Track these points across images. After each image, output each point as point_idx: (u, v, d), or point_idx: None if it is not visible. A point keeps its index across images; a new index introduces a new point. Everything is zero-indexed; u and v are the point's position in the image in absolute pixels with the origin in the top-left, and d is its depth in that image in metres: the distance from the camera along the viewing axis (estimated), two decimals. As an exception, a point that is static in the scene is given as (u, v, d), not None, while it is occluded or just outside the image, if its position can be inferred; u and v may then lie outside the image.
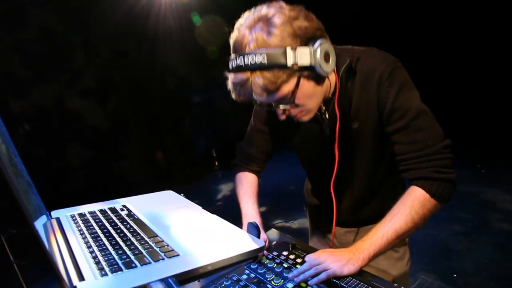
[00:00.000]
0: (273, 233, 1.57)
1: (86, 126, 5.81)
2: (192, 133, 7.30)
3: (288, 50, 0.98)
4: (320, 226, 1.76)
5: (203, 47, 6.57)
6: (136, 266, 0.63)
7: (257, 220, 1.36)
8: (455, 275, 3.19)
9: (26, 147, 4.98)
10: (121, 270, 0.62)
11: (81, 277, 0.60)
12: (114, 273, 0.61)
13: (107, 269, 0.62)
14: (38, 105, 5.16)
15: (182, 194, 1.09)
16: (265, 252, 1.31)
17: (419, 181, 1.22)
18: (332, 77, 1.20)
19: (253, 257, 0.72)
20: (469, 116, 6.61)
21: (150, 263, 0.64)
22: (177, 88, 6.93)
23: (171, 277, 0.59)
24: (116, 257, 0.67)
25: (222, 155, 7.27)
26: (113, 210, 0.95)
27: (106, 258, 0.66)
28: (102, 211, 0.94)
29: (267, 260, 1.29)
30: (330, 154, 1.37)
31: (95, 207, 0.98)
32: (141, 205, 0.99)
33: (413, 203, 1.20)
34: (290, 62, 0.99)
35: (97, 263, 0.64)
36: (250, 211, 1.40)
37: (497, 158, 6.03)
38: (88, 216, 0.90)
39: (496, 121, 6.88)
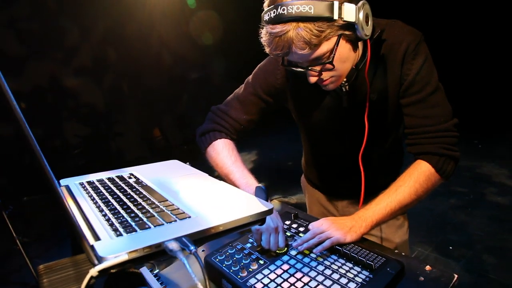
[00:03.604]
0: (275, 204, 1.59)
1: (82, 104, 5.77)
2: (189, 110, 7.27)
3: (336, 3, 0.97)
4: (320, 200, 1.78)
5: (199, 25, 6.50)
6: (149, 227, 0.65)
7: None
8: (450, 247, 3.26)
9: (23, 125, 4.96)
10: (135, 230, 0.63)
11: (96, 237, 0.61)
12: (128, 233, 0.62)
13: (121, 229, 0.63)
14: (33, 83, 5.10)
15: (187, 163, 1.10)
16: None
17: (426, 155, 1.24)
18: (359, 47, 1.20)
19: (261, 219, 0.73)
20: (465, 91, 6.60)
21: (162, 224, 0.66)
22: (173, 65, 6.86)
23: (185, 236, 0.60)
24: (129, 219, 0.68)
25: (219, 132, 7.26)
26: (121, 178, 0.96)
27: (119, 221, 0.67)
28: (110, 179, 0.95)
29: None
30: (347, 128, 1.38)
31: (103, 175, 0.99)
32: (148, 173, 0.99)
33: (418, 177, 1.23)
34: (336, 16, 0.97)
35: (111, 225, 0.66)
36: (251, 180, 1.34)
37: (493, 133, 6.09)
38: (97, 183, 0.91)
39: (493, 96, 6.89)
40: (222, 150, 1.42)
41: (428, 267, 1.12)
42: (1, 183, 3.47)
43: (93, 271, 0.52)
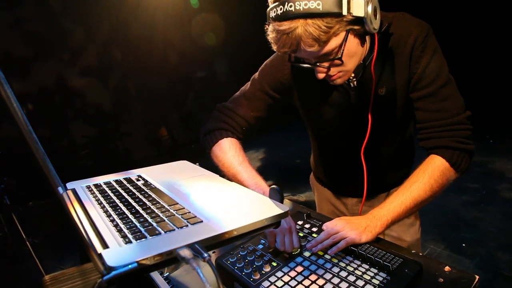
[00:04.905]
0: (286, 203, 1.56)
1: (89, 105, 5.77)
2: (195, 109, 7.25)
3: None
4: (330, 198, 1.74)
5: (204, 23, 6.48)
6: (160, 233, 0.61)
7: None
8: (463, 245, 3.20)
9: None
10: (145, 237, 0.60)
11: (104, 245, 0.58)
12: (138, 240, 0.59)
13: (130, 236, 0.60)
14: (39, 85, 5.10)
15: (197, 163, 1.07)
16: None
17: (440, 149, 1.20)
18: (366, 41, 1.17)
19: (276, 222, 0.69)
20: (476, 85, 6.50)
21: (173, 229, 0.62)
22: (179, 64, 6.83)
23: (197, 242, 0.57)
24: (138, 224, 0.65)
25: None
26: (129, 180, 0.93)
27: (128, 226, 0.64)
28: (118, 182, 0.92)
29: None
30: (355, 123, 1.34)
31: (110, 177, 0.96)
32: (157, 175, 0.96)
33: (432, 172, 1.19)
34: (345, 11, 0.94)
35: (119, 231, 0.63)
36: (260, 181, 1.31)
37: (504, 128, 5.99)
38: (104, 186, 0.88)
39: (504, 90, 6.78)
40: (229, 150, 1.39)
41: (447, 268, 1.07)
42: (10, 185, 3.47)
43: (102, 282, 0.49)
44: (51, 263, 3.60)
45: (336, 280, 1.02)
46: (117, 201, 0.77)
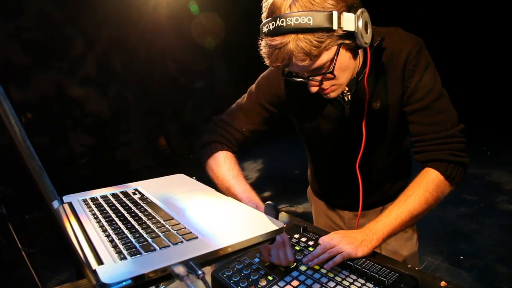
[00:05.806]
0: (283, 216, 1.56)
1: (88, 114, 5.77)
2: (194, 118, 7.25)
3: (335, 13, 0.95)
4: (327, 211, 1.75)
5: (202, 32, 6.52)
6: (155, 249, 0.62)
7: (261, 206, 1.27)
8: (461, 257, 3.20)
9: (28, 136, 4.95)
10: (140, 253, 0.60)
11: (99, 261, 0.58)
12: (133, 257, 0.59)
13: (125, 252, 0.60)
14: (38, 94, 5.11)
15: (194, 177, 1.07)
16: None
17: (434, 163, 1.21)
18: (359, 56, 1.19)
19: (271, 239, 0.70)
20: (472, 97, 6.53)
21: (169, 246, 0.63)
22: (178, 74, 6.86)
23: (192, 259, 0.57)
24: (133, 240, 0.65)
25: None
26: (125, 194, 0.93)
27: (123, 242, 0.64)
28: (114, 195, 0.92)
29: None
30: (350, 137, 1.35)
31: (106, 191, 0.97)
32: (153, 188, 0.97)
33: (427, 185, 1.20)
34: (335, 26, 0.96)
35: (115, 246, 0.63)
36: (253, 195, 1.31)
37: (502, 140, 6.01)
38: (101, 200, 0.89)
39: (501, 101, 6.81)
40: (223, 163, 1.39)
41: (443, 283, 1.07)
42: (6, 194, 3.45)
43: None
44: (47, 273, 3.57)
45: (332, 295, 1.02)
46: (113, 215, 0.78)
